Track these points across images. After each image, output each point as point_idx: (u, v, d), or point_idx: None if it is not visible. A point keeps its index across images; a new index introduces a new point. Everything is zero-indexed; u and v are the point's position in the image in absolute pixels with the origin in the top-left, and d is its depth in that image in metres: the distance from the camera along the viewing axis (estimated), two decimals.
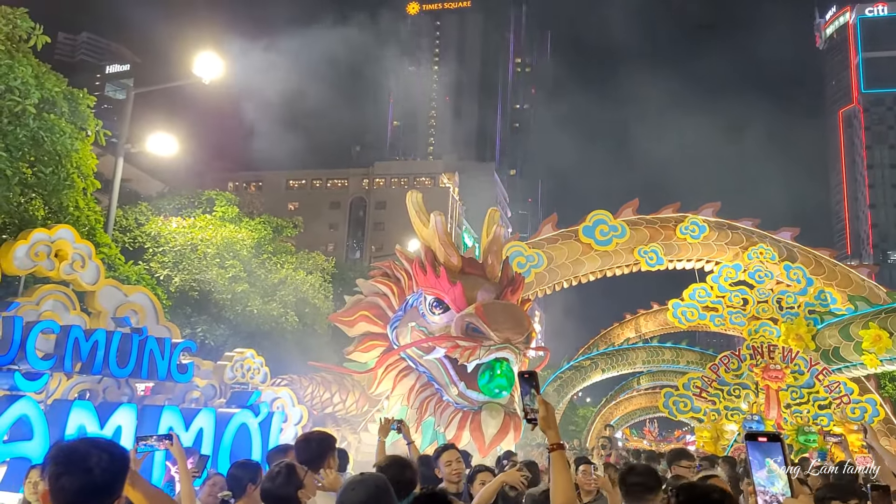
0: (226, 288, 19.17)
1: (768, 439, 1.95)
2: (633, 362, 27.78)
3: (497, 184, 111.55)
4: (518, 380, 3.30)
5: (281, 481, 3.76)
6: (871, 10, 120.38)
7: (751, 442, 1.97)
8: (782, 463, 1.93)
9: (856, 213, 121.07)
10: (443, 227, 11.30)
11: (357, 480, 3.27)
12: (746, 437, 1.96)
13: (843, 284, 20.86)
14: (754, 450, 1.97)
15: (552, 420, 3.19)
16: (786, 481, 1.92)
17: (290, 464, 3.93)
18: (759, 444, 1.96)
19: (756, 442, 1.96)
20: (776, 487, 1.92)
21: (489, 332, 9.90)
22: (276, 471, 3.83)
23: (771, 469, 1.93)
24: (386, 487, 3.25)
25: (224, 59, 16.31)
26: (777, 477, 1.92)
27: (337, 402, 12.24)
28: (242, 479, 4.53)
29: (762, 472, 1.95)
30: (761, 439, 1.95)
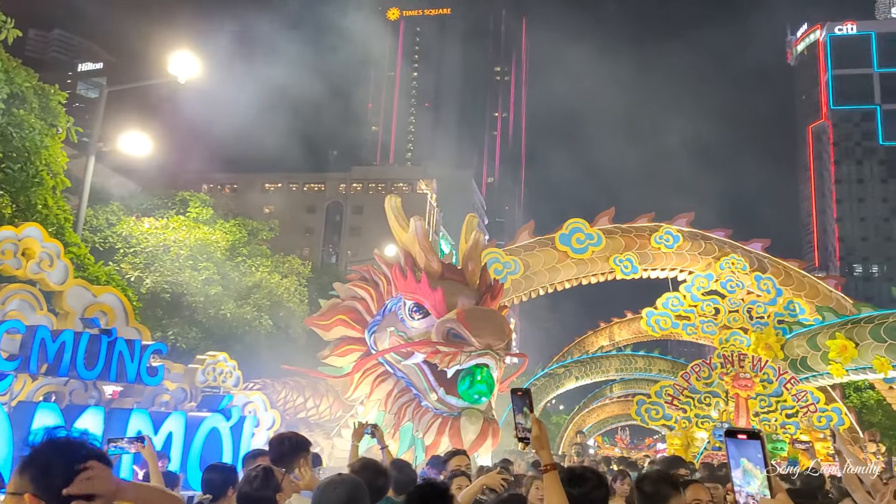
0: (199, 290, 18.96)
1: (748, 437, 1.92)
2: (606, 370, 27.97)
3: (475, 191, 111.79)
4: (511, 397, 3.21)
5: (258, 484, 3.72)
6: (840, 29, 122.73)
7: (730, 439, 1.95)
8: (760, 461, 1.89)
9: (824, 227, 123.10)
10: (423, 232, 11.28)
11: (338, 480, 3.26)
12: (726, 433, 1.94)
13: (811, 295, 21.18)
14: (732, 447, 1.95)
15: (545, 440, 3.12)
16: (762, 480, 1.87)
17: (266, 467, 3.91)
18: (737, 442, 1.93)
19: (735, 439, 1.94)
20: (752, 487, 1.90)
21: (470, 338, 9.90)
22: (254, 474, 3.80)
23: (746, 468, 1.91)
24: (364, 489, 3.25)
25: (200, 59, 16.17)
26: (753, 476, 1.90)
27: (310, 407, 12.14)
28: (222, 483, 4.47)
29: (738, 471, 1.93)
30: (741, 437, 1.93)
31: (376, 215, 22.04)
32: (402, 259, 11.18)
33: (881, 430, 29.09)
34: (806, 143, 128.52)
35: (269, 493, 3.73)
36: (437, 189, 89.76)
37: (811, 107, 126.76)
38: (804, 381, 18.98)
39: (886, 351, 16.84)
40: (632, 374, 28.85)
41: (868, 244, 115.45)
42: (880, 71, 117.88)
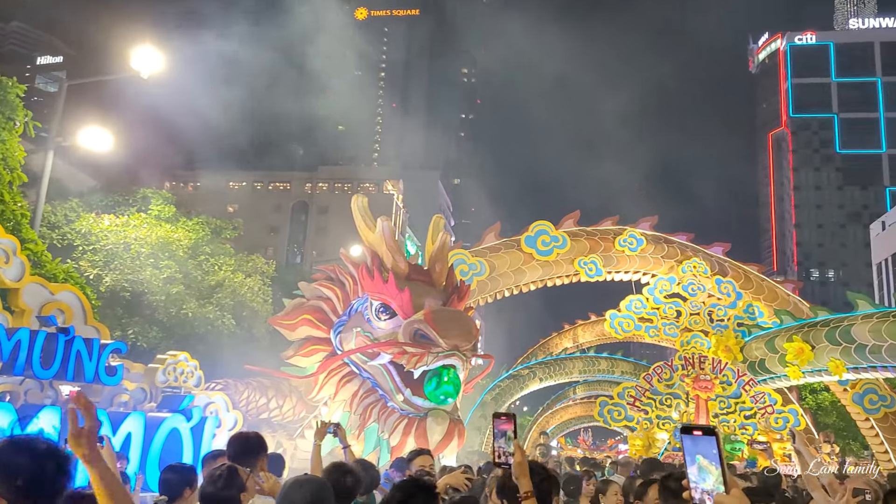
0: (160, 289, 18.66)
1: (703, 433, 1.92)
2: (570, 372, 28.19)
3: (441, 192, 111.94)
4: (493, 420, 3.17)
5: (223, 484, 3.66)
6: (800, 39, 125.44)
7: (685, 435, 1.95)
8: (716, 457, 1.88)
9: (782, 232, 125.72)
10: (390, 233, 11.25)
11: (303, 480, 3.24)
12: (682, 430, 1.94)
13: (769, 299, 21.59)
14: (688, 444, 1.95)
15: (526, 467, 3.10)
16: (717, 476, 1.87)
17: (231, 466, 3.84)
18: (693, 438, 1.93)
19: (691, 435, 1.94)
20: (707, 483, 1.91)
21: (438, 339, 9.89)
22: (218, 473, 3.73)
23: (701, 465, 1.91)
24: (330, 489, 3.24)
25: (163, 54, 15.92)
26: (708, 473, 1.91)
27: (273, 408, 12.01)
28: (179, 483, 4.40)
29: (693, 468, 1.93)
30: (696, 433, 1.93)
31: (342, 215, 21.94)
32: (369, 259, 11.13)
33: (835, 432, 29.78)
34: (766, 149, 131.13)
35: (234, 492, 3.67)
36: (403, 190, 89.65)
37: (771, 114, 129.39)
38: (762, 383, 19.35)
39: (841, 354, 17.22)
40: (595, 375, 29.12)
41: (824, 250, 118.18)
42: (838, 80, 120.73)
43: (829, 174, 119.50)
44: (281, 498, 3.15)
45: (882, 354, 16.30)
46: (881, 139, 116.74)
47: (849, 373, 17.60)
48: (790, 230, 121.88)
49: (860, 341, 16.76)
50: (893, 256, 65.67)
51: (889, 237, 66.46)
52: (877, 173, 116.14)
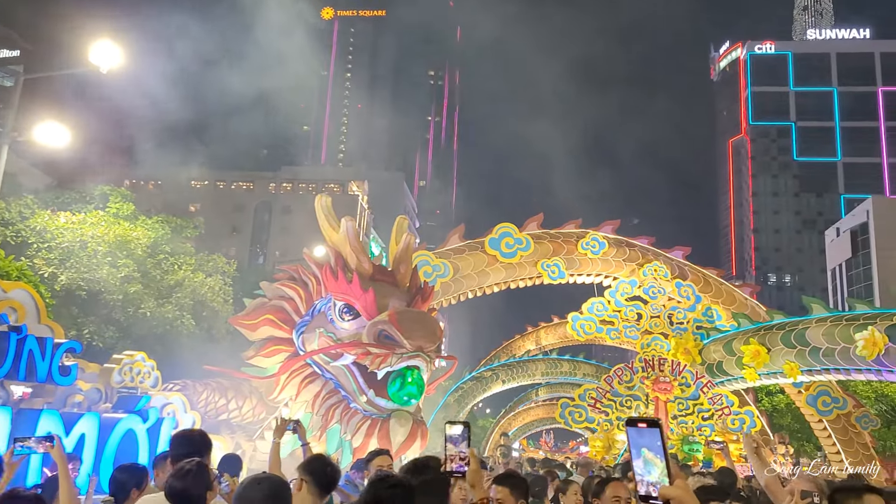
0: (117, 288, 18.30)
1: (647, 425, 1.94)
2: (532, 374, 28.35)
3: (406, 194, 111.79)
4: (447, 428, 3.18)
5: (192, 481, 3.57)
6: (760, 48, 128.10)
7: (631, 428, 1.97)
8: (660, 449, 1.89)
9: (741, 237, 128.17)
10: (354, 233, 11.19)
11: (262, 478, 3.20)
12: (627, 422, 1.96)
13: (728, 302, 21.96)
14: (634, 436, 1.97)
15: (481, 475, 3.14)
16: (662, 469, 1.89)
17: (200, 462, 3.77)
18: (638, 430, 1.96)
19: (636, 428, 1.96)
20: (653, 476, 1.93)
21: (402, 340, 9.86)
22: (187, 469, 3.63)
23: (647, 458, 1.93)
24: (288, 490, 3.20)
25: (123, 49, 15.62)
26: (653, 465, 1.92)
27: (233, 409, 11.85)
28: (126, 483, 4.31)
29: (639, 461, 1.95)
30: (641, 425, 1.95)
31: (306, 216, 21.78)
32: (333, 259, 11.06)
33: (790, 433, 30.42)
34: (726, 156, 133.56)
35: (202, 489, 3.60)
36: (368, 191, 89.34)
37: (732, 121, 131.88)
38: (720, 385, 19.67)
39: (796, 356, 17.59)
40: (557, 377, 29.35)
41: (782, 255, 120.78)
42: (795, 89, 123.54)
43: (787, 181, 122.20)
44: (238, 496, 3.10)
45: (835, 357, 16.69)
46: (836, 147, 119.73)
47: (803, 375, 17.98)
48: (748, 235, 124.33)
49: (814, 344, 17.14)
50: (847, 262, 67.39)
51: (843, 243, 68.17)
52: (832, 181, 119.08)
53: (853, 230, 66.64)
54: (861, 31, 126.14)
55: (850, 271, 66.95)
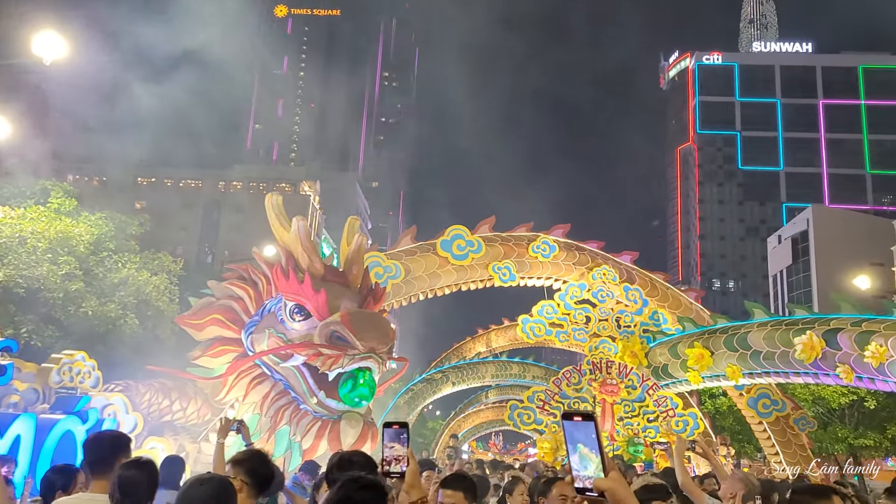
0: (58, 286, 17.76)
1: (583, 418, 1.92)
2: (482, 376, 28.46)
3: (359, 195, 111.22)
4: (382, 429, 3.13)
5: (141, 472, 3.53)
6: (707, 58, 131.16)
7: (566, 421, 1.97)
8: (595, 442, 1.91)
9: (687, 243, 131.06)
10: (305, 233, 11.10)
11: (205, 478, 3.14)
12: (563, 416, 1.97)
13: (673, 306, 22.38)
14: (570, 430, 1.98)
15: (418, 475, 3.15)
16: (597, 463, 1.90)
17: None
18: (574, 424, 1.96)
19: (572, 421, 1.96)
20: (589, 470, 1.94)
21: (354, 341, 9.82)
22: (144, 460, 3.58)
23: (582, 453, 1.94)
24: (232, 490, 3.14)
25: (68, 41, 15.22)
26: (589, 460, 1.92)
27: (177, 410, 11.62)
28: (55, 484, 4.18)
29: (575, 457, 1.96)
30: (576, 418, 1.95)
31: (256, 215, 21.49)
32: (284, 259, 10.96)
33: (731, 434, 31.16)
34: (674, 163, 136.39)
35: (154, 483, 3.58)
36: (320, 191, 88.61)
37: (680, 129, 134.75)
38: (665, 388, 20.04)
39: (738, 360, 18.02)
40: (507, 380, 29.51)
41: (726, 261, 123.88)
42: (741, 100, 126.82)
43: (732, 189, 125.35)
44: (180, 496, 3.03)
45: (775, 360, 17.15)
46: (779, 157, 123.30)
47: (744, 378, 18.43)
48: (695, 241, 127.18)
49: (755, 348, 17.59)
50: (787, 268, 69.45)
51: (784, 251, 70.24)
52: (775, 189, 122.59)
53: (794, 238, 68.72)
54: (804, 44, 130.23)
55: (790, 277, 69.01)
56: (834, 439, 28.46)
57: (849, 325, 15.56)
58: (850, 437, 28.40)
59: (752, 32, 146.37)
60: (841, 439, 28.38)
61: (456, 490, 4.02)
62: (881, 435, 28.44)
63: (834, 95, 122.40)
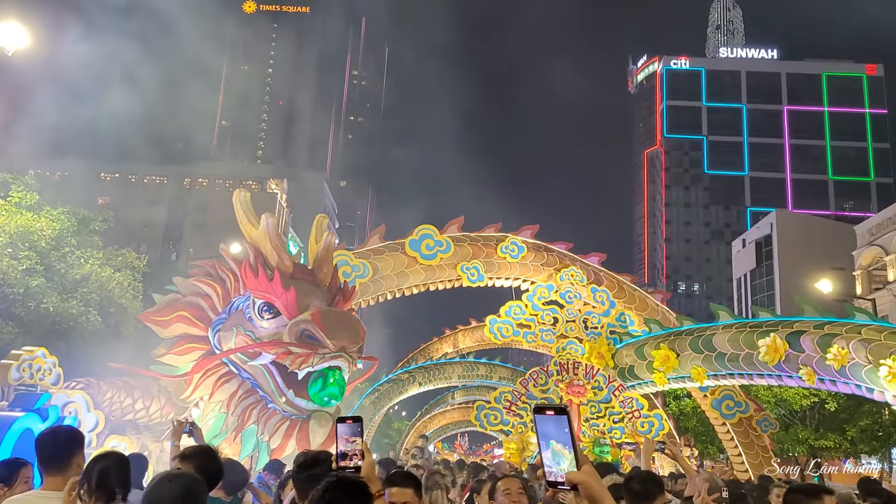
0: (18, 281, 17.35)
1: (555, 412, 1.90)
2: (449, 377, 28.46)
3: (327, 194, 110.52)
4: (337, 426, 3.12)
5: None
6: (675, 63, 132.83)
7: (539, 416, 1.92)
8: (568, 437, 1.89)
9: (654, 246, 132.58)
10: (274, 230, 11.01)
11: (173, 474, 3.07)
12: (535, 410, 1.95)
13: (640, 308, 22.60)
14: (542, 425, 1.95)
15: (374, 468, 3.19)
16: (570, 459, 1.90)
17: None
18: (545, 418, 1.93)
19: (544, 416, 1.92)
20: (561, 466, 1.92)
21: (325, 340, 9.75)
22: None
23: (555, 449, 1.92)
24: (202, 485, 3.07)
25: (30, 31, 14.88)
26: (562, 456, 1.90)
27: (139, 409, 11.42)
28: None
29: (548, 453, 1.94)
30: (549, 412, 1.91)
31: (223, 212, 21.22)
32: (252, 256, 10.84)
33: (695, 436, 31.59)
34: (642, 166, 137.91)
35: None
36: (287, 190, 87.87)
37: (648, 133, 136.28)
38: (631, 389, 20.21)
39: (703, 361, 18.25)
40: (474, 381, 29.55)
41: (691, 264, 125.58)
42: (707, 105, 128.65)
43: (698, 193, 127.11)
44: (147, 494, 2.94)
45: (739, 362, 17.40)
46: (744, 162, 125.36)
47: (709, 379, 18.67)
48: (661, 244, 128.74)
49: (720, 350, 17.83)
50: (751, 272, 70.63)
51: (748, 254, 71.40)
52: (739, 194, 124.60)
53: (758, 241, 69.89)
54: (769, 51, 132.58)
55: (754, 281, 70.18)
56: (795, 441, 28.95)
57: (811, 327, 15.85)
58: (811, 439, 28.91)
59: (718, 38, 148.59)
60: (802, 441, 28.88)
61: (404, 487, 3.95)
62: (841, 437, 29.01)
63: (798, 102, 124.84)
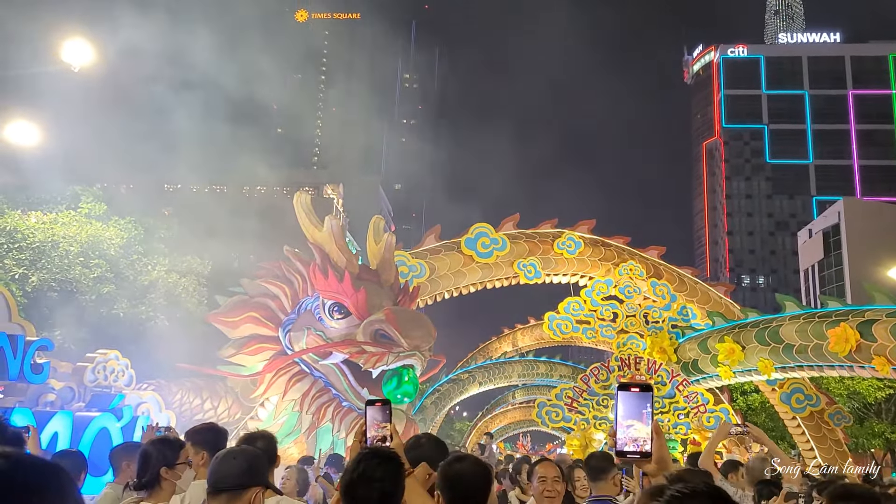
0: (90, 288, 18.02)
1: (640, 389, 2.01)
2: (509, 376, 28.39)
3: (382, 197, 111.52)
4: (366, 408, 3.21)
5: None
6: (732, 51, 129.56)
7: (623, 392, 2.03)
8: (649, 413, 2.00)
9: (715, 239, 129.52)
10: (339, 232, 11.21)
11: (236, 451, 3.17)
12: (619, 387, 2.02)
13: (702, 301, 22.16)
14: (624, 400, 2.03)
15: (402, 451, 3.23)
16: (647, 431, 2.00)
17: None
18: (630, 395, 2.02)
19: (628, 392, 2.02)
20: (638, 435, 2.01)
21: (400, 339, 9.90)
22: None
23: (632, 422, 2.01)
24: (264, 458, 3.18)
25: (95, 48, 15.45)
26: (638, 428, 2.01)
27: (208, 409, 11.75)
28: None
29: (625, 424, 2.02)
30: (633, 389, 2.01)
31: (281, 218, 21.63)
32: (318, 258, 11.02)
33: (764, 431, 30.71)
34: (700, 159, 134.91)
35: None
36: (343, 194, 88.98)
37: (706, 124, 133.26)
38: (695, 383, 19.82)
39: (770, 353, 17.78)
40: (534, 379, 29.39)
41: (755, 256, 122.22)
42: (768, 93, 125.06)
43: (760, 183, 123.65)
44: (214, 468, 3.03)
45: (808, 354, 16.89)
46: (808, 150, 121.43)
47: (777, 372, 18.17)
48: (722, 237, 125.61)
49: (787, 341, 17.33)
50: (819, 263, 68.38)
51: (815, 245, 69.14)
52: (804, 183, 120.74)
53: (825, 231, 67.59)
54: (831, 35, 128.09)
55: (822, 272, 67.90)
56: (871, 434, 27.97)
57: (884, 315, 15.28)
58: (888, 432, 27.90)
59: (777, 24, 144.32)
60: (878, 434, 27.89)
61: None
62: None
63: (863, 85, 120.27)
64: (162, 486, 3.78)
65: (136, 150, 75.75)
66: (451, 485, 3.07)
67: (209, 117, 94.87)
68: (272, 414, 10.99)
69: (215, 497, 2.92)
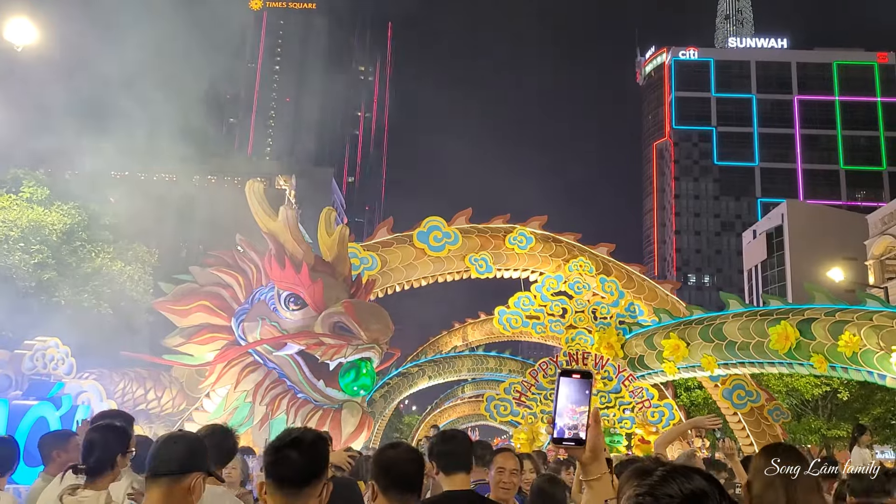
0: (30, 275, 17.49)
1: (581, 376, 2.01)
2: (459, 370, 28.50)
3: (335, 190, 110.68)
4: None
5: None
6: (683, 54, 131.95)
7: (564, 378, 2.02)
8: (587, 400, 2.02)
9: (663, 238, 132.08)
10: (294, 223, 11.10)
11: (178, 435, 3.11)
12: (561, 373, 2.03)
13: (650, 298, 22.56)
14: (565, 386, 2.03)
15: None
16: (585, 420, 2.01)
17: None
18: (571, 381, 2.02)
19: (570, 378, 2.02)
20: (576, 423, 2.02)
21: (359, 332, 9.88)
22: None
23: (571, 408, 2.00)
24: (205, 445, 3.12)
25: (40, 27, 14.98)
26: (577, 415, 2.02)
27: (151, 399, 11.52)
28: None
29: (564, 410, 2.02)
30: (575, 376, 2.02)
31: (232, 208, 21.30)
32: (274, 248, 10.88)
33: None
34: (651, 159, 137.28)
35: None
36: (296, 186, 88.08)
37: (656, 125, 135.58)
38: (641, 379, 20.20)
39: (713, 350, 18.22)
40: (483, 374, 29.57)
41: (701, 256, 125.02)
42: (717, 95, 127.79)
43: (707, 184, 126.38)
44: (154, 453, 2.98)
45: (750, 351, 17.36)
46: (755, 153, 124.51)
47: (720, 368, 18.64)
48: (670, 236, 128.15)
49: (730, 338, 17.79)
50: (762, 263, 70.30)
51: (759, 245, 71.04)
52: (750, 185, 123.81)
53: (769, 232, 69.48)
54: (779, 40, 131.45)
55: (765, 272, 69.82)
56: (807, 430, 28.84)
57: (823, 315, 15.79)
58: (824, 429, 28.78)
59: (727, 28, 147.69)
60: (814, 430, 28.77)
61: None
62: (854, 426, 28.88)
63: (808, 91, 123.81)
64: (111, 473, 3.77)
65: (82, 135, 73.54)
66: (385, 472, 3.08)
67: (159, 104, 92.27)
68: (221, 405, 10.83)
69: (154, 481, 2.86)
